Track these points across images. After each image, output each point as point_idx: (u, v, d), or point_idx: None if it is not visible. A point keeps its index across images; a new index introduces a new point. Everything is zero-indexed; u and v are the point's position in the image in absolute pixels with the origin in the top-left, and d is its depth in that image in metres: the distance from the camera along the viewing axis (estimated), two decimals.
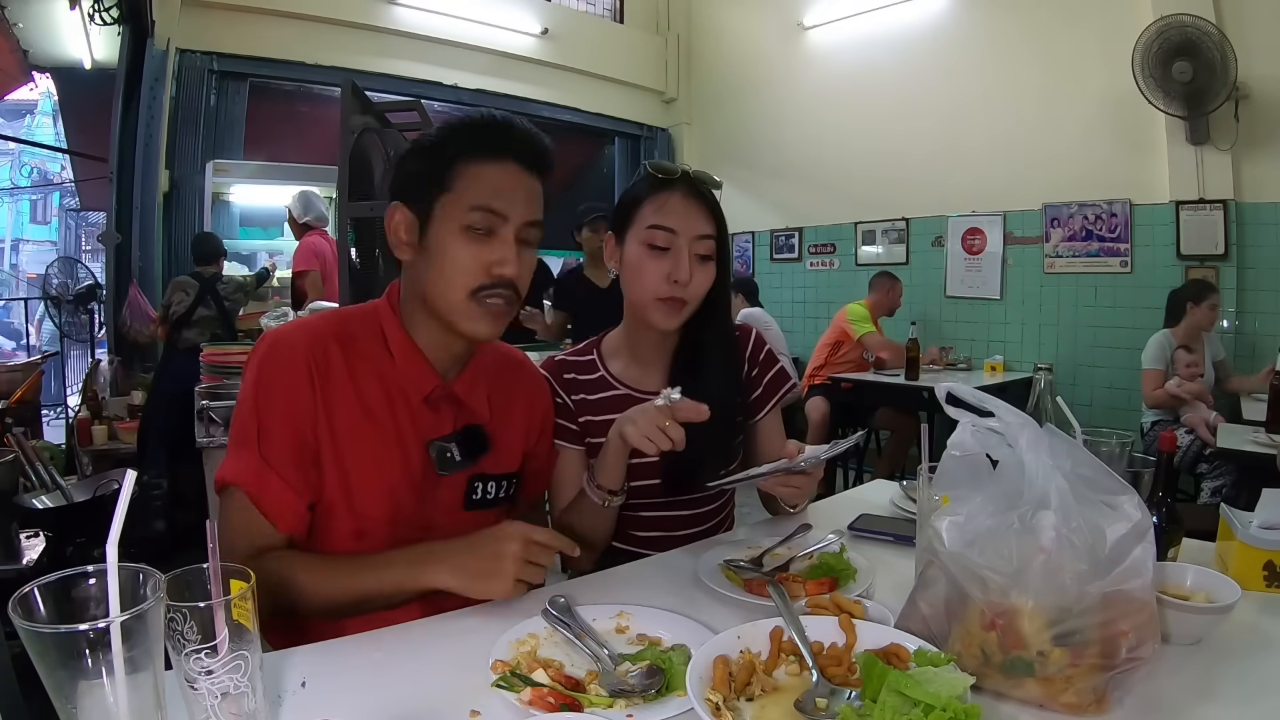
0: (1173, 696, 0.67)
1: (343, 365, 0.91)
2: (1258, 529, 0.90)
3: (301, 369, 0.88)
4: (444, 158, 0.89)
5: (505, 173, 0.90)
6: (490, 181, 0.89)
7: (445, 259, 0.89)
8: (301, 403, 0.88)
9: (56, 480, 1.87)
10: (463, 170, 0.88)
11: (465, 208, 0.88)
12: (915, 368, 4.01)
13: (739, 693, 0.63)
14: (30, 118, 12.70)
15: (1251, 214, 3.75)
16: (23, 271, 13.12)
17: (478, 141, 0.90)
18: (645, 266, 1.12)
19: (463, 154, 0.89)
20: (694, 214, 1.12)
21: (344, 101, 2.17)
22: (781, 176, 5.62)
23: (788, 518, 1.22)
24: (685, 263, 1.11)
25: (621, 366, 1.25)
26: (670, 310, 1.13)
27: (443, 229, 0.89)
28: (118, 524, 0.49)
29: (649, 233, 1.12)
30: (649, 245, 1.12)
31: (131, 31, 4.19)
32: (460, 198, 0.88)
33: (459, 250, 0.88)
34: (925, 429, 0.83)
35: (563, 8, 5.90)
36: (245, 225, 5.07)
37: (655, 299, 1.12)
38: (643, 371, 1.24)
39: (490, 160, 0.89)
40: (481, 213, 0.88)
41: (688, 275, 1.11)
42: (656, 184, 1.14)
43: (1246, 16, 3.58)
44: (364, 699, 0.66)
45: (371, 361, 0.93)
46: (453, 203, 0.88)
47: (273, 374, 0.88)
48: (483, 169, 0.89)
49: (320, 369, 0.89)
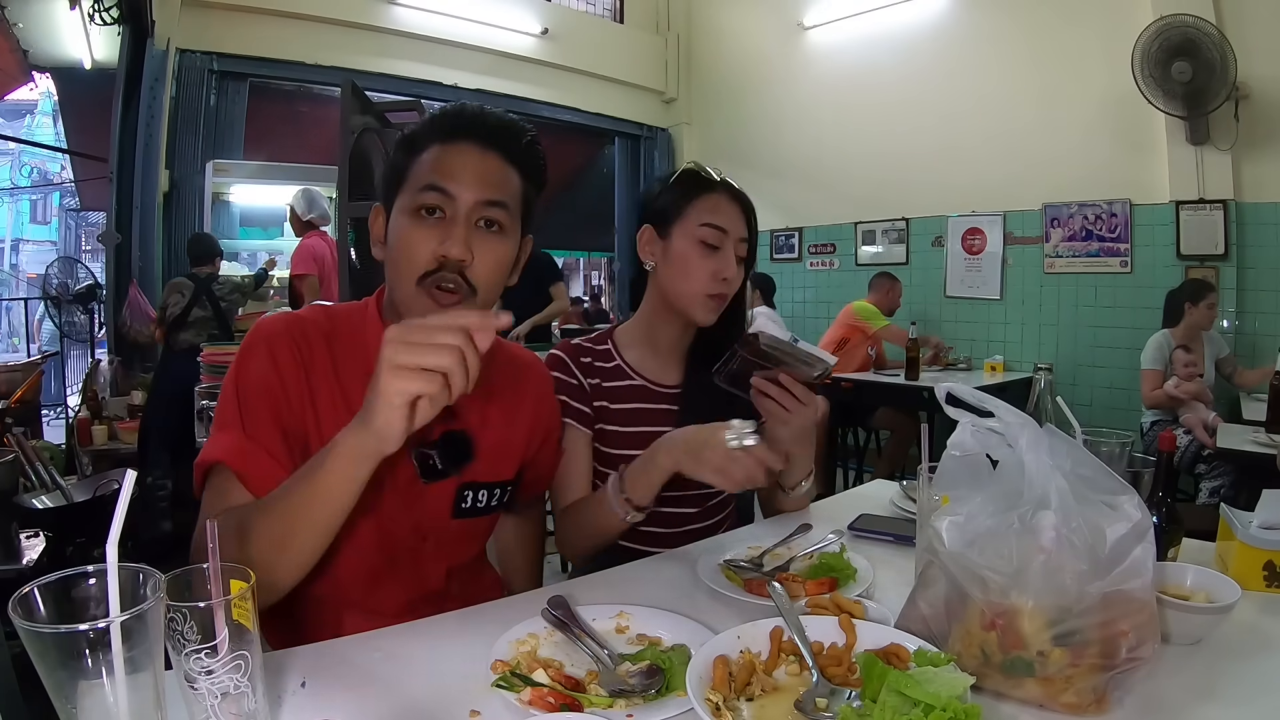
0: (1173, 696, 0.67)
1: (327, 358, 0.88)
2: (1258, 529, 0.90)
3: (286, 351, 0.86)
4: (408, 152, 0.89)
5: (457, 151, 0.87)
6: (439, 161, 0.86)
7: (397, 246, 0.86)
8: (288, 384, 0.85)
9: (56, 480, 1.87)
10: (419, 158, 0.87)
11: (414, 190, 0.86)
12: (915, 368, 4.01)
13: (739, 693, 0.63)
14: (30, 118, 12.71)
15: (1251, 214, 3.75)
16: (23, 271, 13.13)
17: (436, 128, 0.89)
18: (696, 263, 1.17)
19: (422, 144, 0.88)
20: (738, 216, 1.19)
21: (344, 101, 2.17)
22: (781, 176, 5.62)
23: (788, 517, 1.22)
24: (733, 261, 1.17)
25: (638, 357, 1.26)
26: (715, 306, 1.19)
27: (397, 219, 0.87)
28: (118, 524, 0.49)
29: (703, 230, 1.16)
30: (702, 243, 1.17)
31: (131, 31, 4.19)
32: (412, 184, 0.87)
33: (408, 234, 0.85)
34: (925, 429, 0.83)
35: (563, 8, 5.91)
36: (245, 225, 5.08)
37: (705, 295, 1.17)
38: (660, 364, 1.26)
39: (444, 142, 0.87)
40: (428, 192, 0.84)
41: (734, 274, 1.18)
42: (704, 184, 1.19)
43: (1246, 16, 3.59)
44: (364, 699, 0.66)
45: (357, 359, 0.89)
46: (406, 191, 0.87)
47: (257, 356, 0.86)
48: (434, 151, 0.87)
49: (304, 354, 0.87)
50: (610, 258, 7.47)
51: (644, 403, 1.24)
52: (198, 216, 4.36)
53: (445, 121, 0.89)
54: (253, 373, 0.85)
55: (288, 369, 0.86)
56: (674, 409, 1.23)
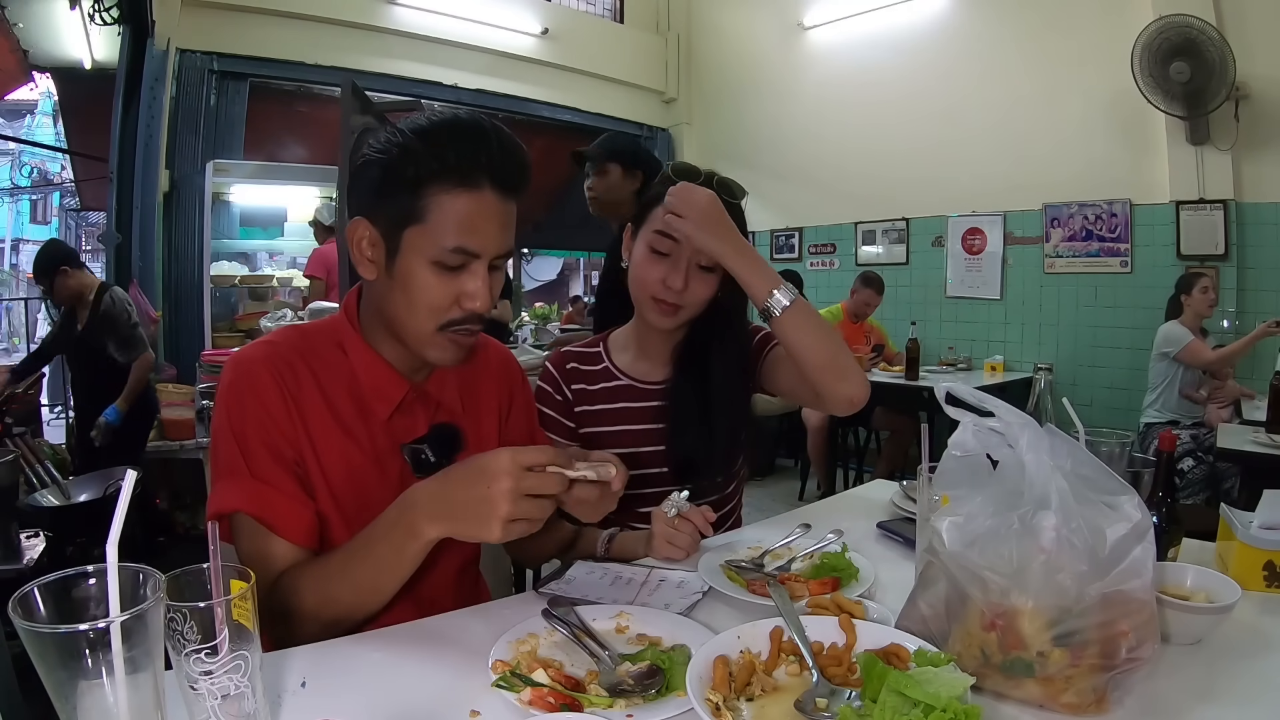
0: (1173, 696, 0.67)
1: (310, 379, 0.88)
2: (1258, 529, 0.90)
3: (270, 385, 0.85)
4: (414, 181, 0.81)
5: (481, 204, 0.82)
6: (465, 217, 0.82)
7: (414, 291, 0.84)
8: (279, 418, 0.85)
9: (57, 480, 1.87)
10: (435, 201, 0.81)
11: (438, 245, 0.82)
12: (915, 368, 4.01)
13: (739, 693, 0.63)
14: (30, 118, 12.73)
15: (1251, 214, 3.75)
16: (23, 271, 13.14)
17: (451, 166, 0.81)
18: (645, 268, 1.16)
19: (434, 181, 0.81)
20: None
21: (344, 101, 2.17)
22: (781, 176, 5.61)
23: (787, 517, 1.22)
24: (682, 271, 1.13)
25: (629, 360, 1.29)
26: (662, 312, 1.17)
27: (413, 260, 0.83)
28: (118, 524, 0.49)
29: (654, 237, 1.15)
30: (651, 249, 1.15)
31: (131, 31, 4.19)
32: (433, 232, 0.81)
33: (429, 283, 0.83)
34: (925, 429, 0.83)
35: (563, 8, 5.90)
36: (245, 225, 5.08)
37: (650, 298, 1.16)
38: (649, 365, 1.28)
39: (465, 189, 0.81)
40: (456, 254, 0.82)
41: (681, 284, 1.13)
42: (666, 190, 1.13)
43: (1246, 16, 3.59)
44: (364, 699, 0.66)
45: (338, 375, 0.90)
46: (424, 235, 0.82)
47: (243, 396, 0.85)
48: (456, 200, 0.81)
49: (289, 383, 0.86)
50: None
51: (629, 401, 1.26)
52: (198, 217, 4.36)
53: (465, 160, 0.81)
54: (247, 415, 0.84)
55: (275, 403, 0.85)
56: (659, 404, 1.25)
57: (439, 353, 0.88)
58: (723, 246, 1.06)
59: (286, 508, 0.83)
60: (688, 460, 1.21)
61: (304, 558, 0.84)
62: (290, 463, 0.85)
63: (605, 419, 1.25)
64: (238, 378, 0.86)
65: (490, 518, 0.70)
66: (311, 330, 0.94)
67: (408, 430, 0.93)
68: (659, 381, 1.27)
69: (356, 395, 0.90)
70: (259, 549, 0.82)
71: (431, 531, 0.74)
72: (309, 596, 0.79)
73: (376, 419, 0.91)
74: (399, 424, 0.93)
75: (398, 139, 0.83)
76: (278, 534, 0.83)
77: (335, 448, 0.88)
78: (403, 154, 0.81)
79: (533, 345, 4.16)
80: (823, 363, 1.06)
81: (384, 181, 0.83)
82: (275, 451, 0.84)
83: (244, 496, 0.82)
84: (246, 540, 0.83)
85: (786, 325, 1.05)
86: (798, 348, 1.07)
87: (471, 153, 0.82)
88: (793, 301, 1.04)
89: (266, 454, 0.84)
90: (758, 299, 1.07)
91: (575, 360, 1.28)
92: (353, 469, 0.89)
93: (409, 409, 0.93)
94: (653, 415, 1.24)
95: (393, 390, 0.91)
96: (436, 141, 0.81)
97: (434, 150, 0.81)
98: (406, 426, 0.93)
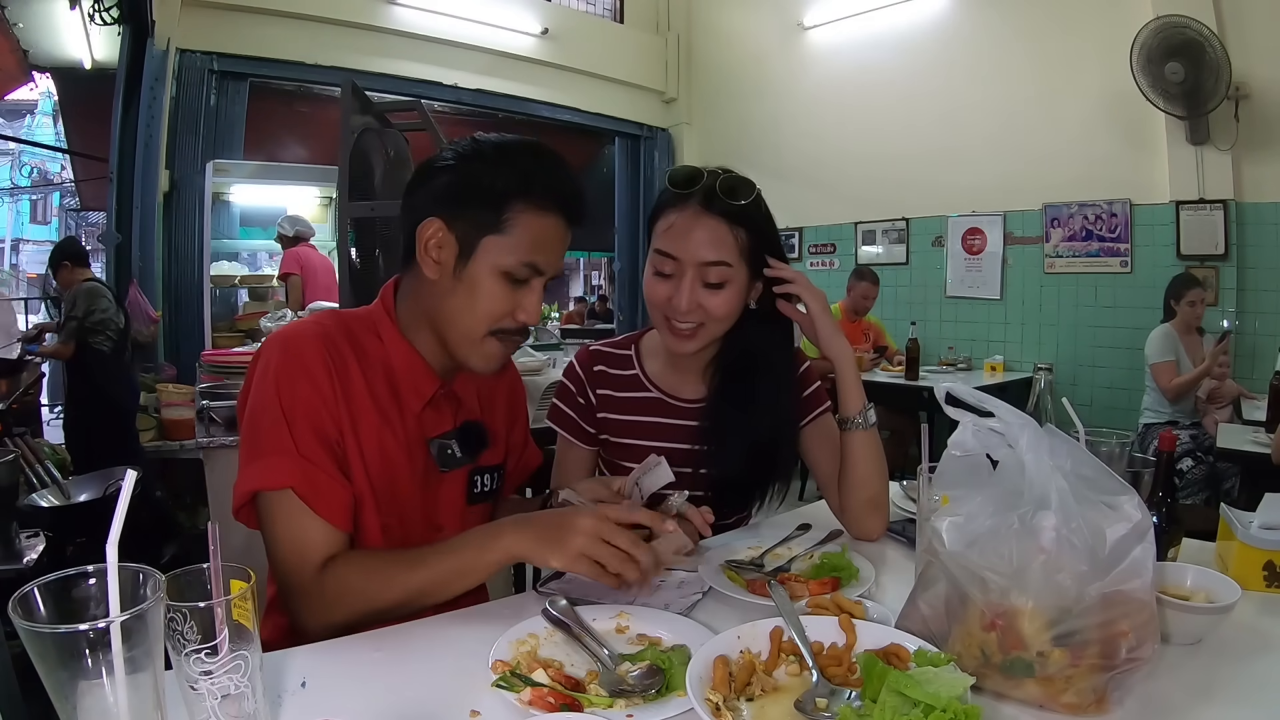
0: (1173, 696, 0.67)
1: (355, 362, 0.91)
2: (1258, 529, 0.90)
3: (320, 365, 0.87)
4: (499, 194, 0.87)
5: (554, 228, 0.90)
6: (541, 236, 0.89)
7: (479, 296, 0.88)
8: (327, 397, 0.86)
9: (57, 480, 1.87)
10: (518, 217, 0.87)
11: (512, 257, 0.87)
12: (915, 368, 4.01)
13: (739, 693, 0.63)
14: (30, 118, 12.74)
15: (1251, 214, 3.76)
16: (23, 271, 13.15)
17: (536, 189, 0.88)
18: (652, 288, 1.09)
19: (520, 199, 0.87)
20: (700, 238, 1.04)
21: (344, 101, 2.16)
22: (781, 176, 5.61)
23: (786, 518, 1.22)
24: (685, 292, 1.04)
25: (659, 369, 1.21)
26: (677, 336, 1.08)
27: (484, 267, 0.88)
28: (118, 524, 0.49)
29: (654, 256, 1.08)
30: (655, 270, 1.09)
31: (131, 31, 4.19)
32: (511, 245, 0.87)
33: (495, 291, 0.88)
34: (925, 429, 0.83)
35: (563, 8, 5.91)
36: (245, 225, 5.08)
37: (663, 318, 1.09)
38: (679, 379, 1.20)
39: (544, 213, 0.88)
40: (525, 268, 0.88)
41: (685, 304, 1.04)
42: (670, 198, 1.07)
43: (1246, 17, 3.59)
44: (364, 699, 0.66)
45: (376, 361, 0.93)
46: (501, 246, 0.87)
47: (295, 374, 0.85)
48: (535, 220, 0.88)
49: (337, 364, 0.88)
50: (610, 257, 7.47)
51: (659, 416, 1.19)
52: (198, 217, 4.36)
53: (547, 188, 0.89)
54: (298, 393, 0.85)
55: (324, 382, 0.87)
56: (693, 424, 1.17)
57: (481, 358, 0.92)
58: (845, 349, 1.11)
59: (329, 488, 0.84)
60: (723, 485, 1.15)
61: (339, 540, 0.85)
62: (332, 443, 0.86)
63: (631, 431, 1.19)
64: (289, 357, 0.87)
65: (565, 544, 0.79)
66: (349, 316, 0.96)
67: (434, 424, 0.96)
68: (692, 400, 1.18)
69: (392, 384, 0.93)
70: (298, 528, 0.83)
71: (514, 543, 0.81)
72: (376, 577, 0.82)
73: (409, 410, 0.93)
74: (428, 418, 0.96)
75: (483, 151, 0.89)
76: (318, 514, 0.83)
77: (373, 431, 0.90)
78: (490, 167, 0.88)
79: (532, 346, 4.15)
80: (870, 493, 1.10)
81: (466, 189, 0.88)
82: (320, 431, 0.85)
83: (294, 474, 0.83)
84: (284, 519, 0.83)
85: (859, 441, 1.10)
86: (860, 465, 1.10)
87: (552, 178, 0.90)
88: (874, 425, 1.10)
89: (312, 433, 0.85)
90: (850, 408, 1.10)
91: (604, 363, 1.21)
92: (386, 454, 0.91)
93: (438, 405, 0.97)
94: (684, 435, 1.16)
95: (426, 385, 0.94)
96: (523, 162, 0.89)
97: (521, 169, 0.88)
98: (434, 421, 0.96)
